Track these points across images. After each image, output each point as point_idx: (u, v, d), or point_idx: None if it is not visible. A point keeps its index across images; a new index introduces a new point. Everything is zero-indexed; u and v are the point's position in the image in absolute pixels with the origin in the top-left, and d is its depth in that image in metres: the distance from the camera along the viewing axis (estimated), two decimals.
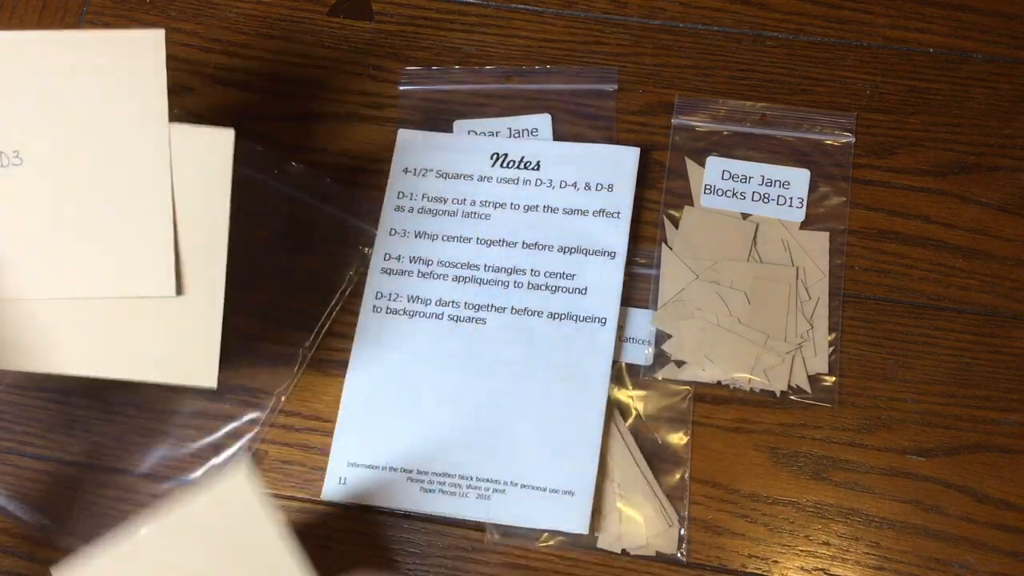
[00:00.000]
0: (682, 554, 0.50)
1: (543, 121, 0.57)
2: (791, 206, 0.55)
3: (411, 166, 0.57)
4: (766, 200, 0.55)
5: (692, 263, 0.54)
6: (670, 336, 0.53)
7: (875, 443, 0.51)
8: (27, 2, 0.62)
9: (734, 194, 0.55)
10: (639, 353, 0.53)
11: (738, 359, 0.52)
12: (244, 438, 0.53)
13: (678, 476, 0.51)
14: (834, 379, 0.52)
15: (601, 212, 0.55)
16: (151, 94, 0.46)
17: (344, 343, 0.54)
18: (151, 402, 0.53)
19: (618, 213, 0.55)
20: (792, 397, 0.52)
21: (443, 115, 0.58)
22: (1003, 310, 0.53)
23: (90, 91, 0.47)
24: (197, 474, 0.52)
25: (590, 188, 0.55)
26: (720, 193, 0.55)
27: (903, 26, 0.59)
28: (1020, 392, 0.52)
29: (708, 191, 0.55)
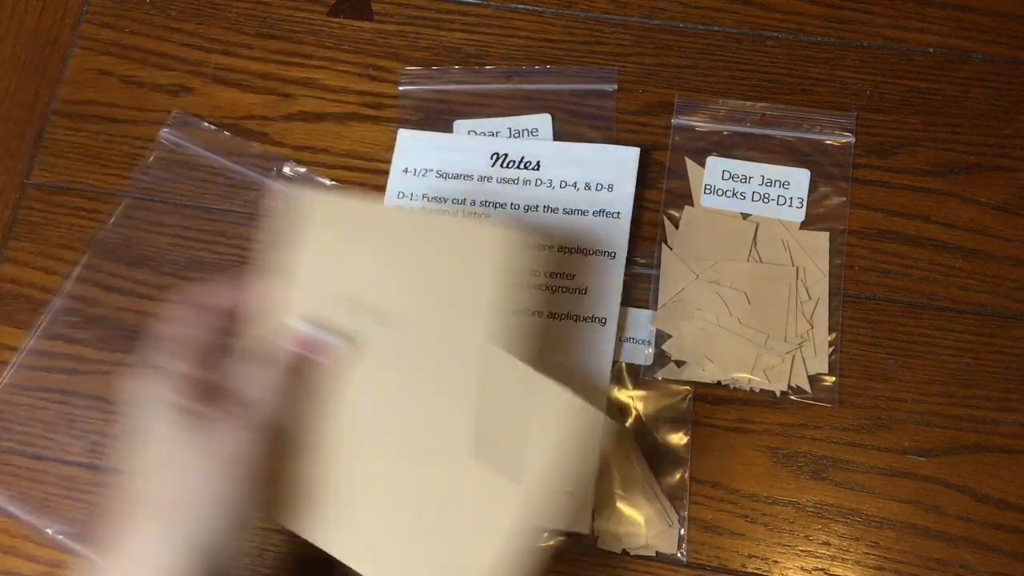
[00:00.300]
0: (682, 554, 0.50)
1: (543, 121, 0.57)
2: (791, 206, 0.55)
3: (411, 166, 0.57)
4: (766, 200, 0.55)
5: (692, 263, 0.54)
6: (670, 336, 0.53)
7: (875, 443, 0.51)
8: (27, 2, 0.62)
9: (734, 194, 0.55)
10: (639, 353, 0.53)
11: (738, 359, 0.52)
12: None
13: (678, 476, 0.51)
14: (834, 379, 0.52)
15: (601, 212, 0.55)
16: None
17: None
18: None
19: (618, 213, 0.55)
20: (792, 397, 0.52)
21: (443, 115, 0.58)
22: (1003, 310, 0.53)
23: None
24: None
25: (590, 188, 0.55)
26: (720, 193, 0.55)
27: (903, 26, 0.59)
28: (1020, 392, 0.52)
29: (708, 191, 0.55)
